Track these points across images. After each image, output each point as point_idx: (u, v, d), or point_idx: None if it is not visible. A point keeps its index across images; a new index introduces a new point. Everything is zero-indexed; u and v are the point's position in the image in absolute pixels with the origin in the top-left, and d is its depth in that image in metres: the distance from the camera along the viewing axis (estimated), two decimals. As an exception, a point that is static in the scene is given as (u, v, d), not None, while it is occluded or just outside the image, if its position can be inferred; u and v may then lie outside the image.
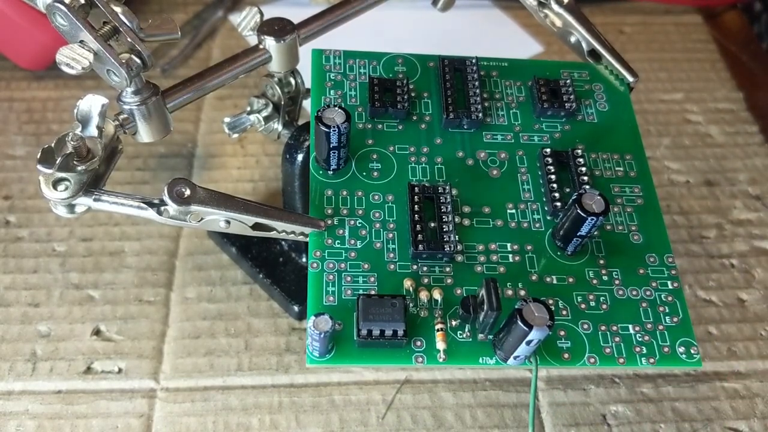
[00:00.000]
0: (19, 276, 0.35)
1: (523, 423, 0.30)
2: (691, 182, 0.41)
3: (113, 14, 0.22)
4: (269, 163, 0.40)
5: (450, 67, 0.29)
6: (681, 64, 0.48)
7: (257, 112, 0.32)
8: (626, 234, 0.26)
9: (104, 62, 0.22)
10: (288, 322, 0.34)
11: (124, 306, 0.34)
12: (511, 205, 0.26)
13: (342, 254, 0.24)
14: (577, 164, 0.27)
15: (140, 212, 0.24)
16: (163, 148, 0.40)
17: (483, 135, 0.28)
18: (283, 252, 0.35)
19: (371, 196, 0.26)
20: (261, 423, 0.30)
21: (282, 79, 0.31)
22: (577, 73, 0.30)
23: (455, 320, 0.23)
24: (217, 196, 0.24)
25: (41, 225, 0.37)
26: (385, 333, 0.22)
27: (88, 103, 0.24)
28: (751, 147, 0.43)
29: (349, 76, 0.29)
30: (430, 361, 0.23)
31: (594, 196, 0.24)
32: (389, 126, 0.28)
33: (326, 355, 0.23)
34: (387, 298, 0.23)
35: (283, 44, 0.27)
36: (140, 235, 0.36)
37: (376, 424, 0.30)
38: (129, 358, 0.32)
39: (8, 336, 0.32)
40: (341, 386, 0.32)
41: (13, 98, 0.43)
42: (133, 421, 0.30)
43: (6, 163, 0.39)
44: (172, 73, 0.45)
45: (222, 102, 0.43)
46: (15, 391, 0.31)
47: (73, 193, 0.23)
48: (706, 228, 0.39)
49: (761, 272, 0.37)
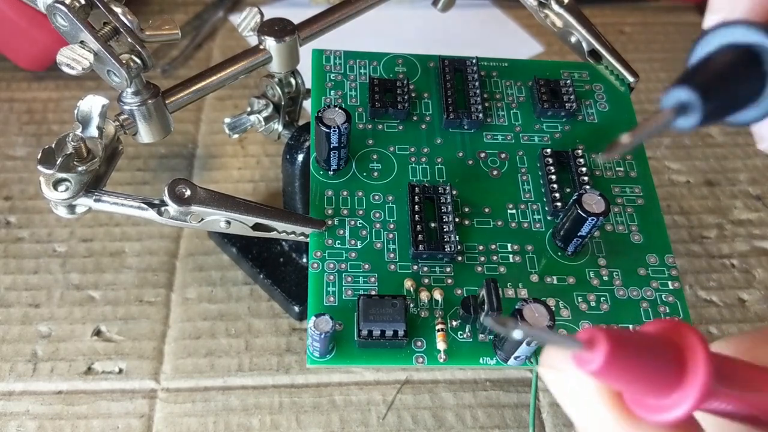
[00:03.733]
0: (20, 276, 0.35)
1: (523, 423, 0.30)
2: (691, 182, 0.41)
3: (113, 15, 0.22)
4: (270, 164, 0.40)
5: (450, 67, 0.29)
6: (681, 64, 0.47)
7: (258, 113, 0.32)
8: (627, 234, 0.26)
9: (104, 63, 0.22)
10: (288, 322, 0.34)
11: (124, 306, 0.34)
12: (512, 206, 0.26)
13: (342, 254, 0.24)
14: (577, 164, 0.27)
15: (141, 213, 0.24)
16: (164, 149, 0.40)
17: (483, 135, 0.28)
18: (283, 252, 0.35)
19: (372, 196, 0.26)
20: (261, 423, 0.30)
21: (282, 80, 0.31)
22: (577, 74, 0.30)
23: (456, 320, 0.23)
24: (218, 196, 0.24)
25: (42, 225, 0.37)
26: (385, 333, 0.22)
27: (89, 104, 0.24)
28: (752, 147, 0.43)
29: (349, 76, 0.29)
30: (430, 362, 0.23)
31: (594, 197, 0.24)
32: (389, 126, 0.28)
33: (327, 356, 0.23)
34: (387, 299, 0.23)
35: (283, 45, 0.27)
36: (141, 236, 0.36)
37: (376, 424, 0.30)
38: (130, 359, 0.32)
39: (9, 336, 0.32)
40: (342, 386, 0.32)
41: (13, 99, 0.43)
42: (134, 422, 0.30)
43: (6, 164, 0.39)
44: (173, 74, 0.45)
45: (222, 102, 0.43)
46: (16, 392, 0.31)
47: (73, 193, 0.23)
48: (706, 228, 0.39)
49: (762, 272, 0.37)
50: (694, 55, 0.14)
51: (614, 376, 0.13)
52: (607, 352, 0.13)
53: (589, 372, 0.13)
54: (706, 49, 0.14)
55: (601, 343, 0.13)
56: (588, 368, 0.13)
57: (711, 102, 0.13)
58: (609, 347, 0.13)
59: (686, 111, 0.13)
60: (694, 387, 0.14)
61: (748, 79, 0.14)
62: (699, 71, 0.13)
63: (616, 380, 0.14)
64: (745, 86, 0.14)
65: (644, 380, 0.14)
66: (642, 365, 0.13)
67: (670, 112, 0.13)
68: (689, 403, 0.14)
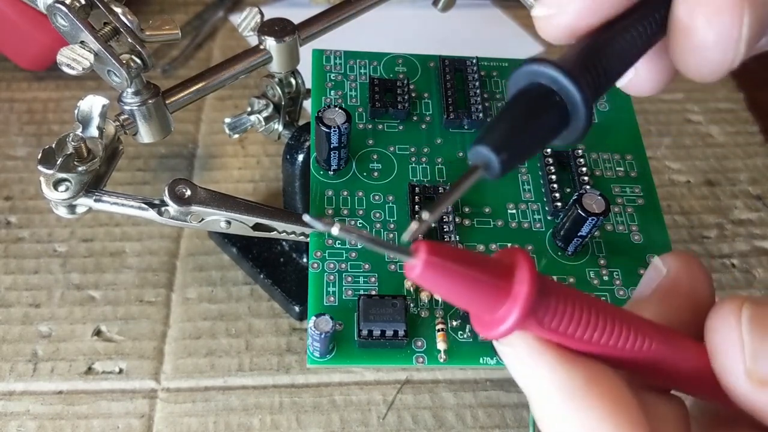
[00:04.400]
0: (20, 276, 0.35)
1: (524, 423, 0.30)
2: (691, 182, 0.41)
3: (114, 15, 0.22)
4: (270, 164, 0.40)
5: (450, 67, 0.29)
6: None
7: (258, 113, 0.32)
8: (627, 234, 0.26)
9: (105, 63, 0.22)
10: (289, 322, 0.34)
11: (125, 306, 0.34)
12: (512, 206, 0.26)
13: (343, 254, 0.24)
14: (577, 164, 0.27)
15: (141, 213, 0.24)
16: (164, 149, 0.40)
17: (483, 135, 0.28)
18: (283, 252, 0.35)
19: (372, 196, 0.26)
20: (262, 423, 0.30)
21: (282, 80, 0.31)
22: (577, 73, 0.30)
23: (456, 320, 0.23)
24: (218, 196, 0.24)
25: (42, 225, 0.37)
26: (385, 333, 0.22)
27: (89, 104, 0.24)
28: (752, 147, 0.43)
29: (349, 76, 0.29)
30: (430, 362, 0.23)
31: (594, 197, 0.24)
32: (390, 126, 0.28)
33: (327, 356, 0.23)
34: (388, 299, 0.23)
35: (283, 45, 0.27)
36: (141, 236, 0.36)
37: (377, 424, 0.30)
38: (130, 359, 0.32)
39: (9, 336, 0.33)
40: (342, 386, 0.32)
41: (14, 99, 0.43)
42: (134, 422, 0.30)
43: (7, 164, 0.39)
44: (173, 74, 0.45)
45: (222, 102, 0.43)
46: (16, 392, 0.31)
47: (73, 193, 0.23)
48: (706, 228, 0.39)
49: (762, 272, 0.37)
50: (508, 92, 0.16)
51: (438, 284, 0.14)
52: (425, 258, 0.14)
53: (414, 278, 0.14)
54: (518, 85, 0.15)
55: (421, 250, 0.14)
56: (412, 274, 0.14)
57: (508, 155, 0.14)
58: (427, 253, 0.14)
59: (489, 167, 0.14)
60: (519, 298, 0.14)
61: (548, 119, 0.15)
62: (497, 126, 0.14)
63: (440, 288, 0.15)
64: (546, 125, 0.15)
65: (471, 293, 0.14)
66: (466, 277, 0.14)
67: (478, 169, 0.14)
68: (516, 314, 0.14)
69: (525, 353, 0.15)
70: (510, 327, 0.14)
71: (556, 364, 0.15)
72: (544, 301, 0.15)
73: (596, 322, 0.15)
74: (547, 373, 0.15)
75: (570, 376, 0.15)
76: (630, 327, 0.15)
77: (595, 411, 0.14)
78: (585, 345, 0.15)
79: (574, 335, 0.15)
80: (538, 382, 0.15)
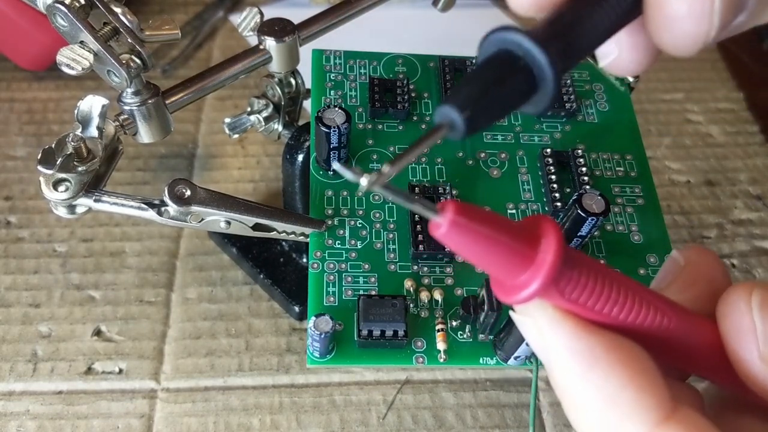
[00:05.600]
0: (20, 276, 0.35)
1: (523, 423, 0.30)
2: (691, 182, 0.41)
3: (113, 15, 0.22)
4: (270, 164, 0.40)
5: (450, 67, 0.29)
6: (681, 63, 0.48)
7: (258, 113, 0.32)
8: (627, 234, 0.26)
9: (104, 63, 0.22)
10: (289, 322, 0.34)
11: (124, 306, 0.34)
12: (512, 206, 0.26)
13: (342, 255, 0.24)
14: (577, 164, 0.27)
15: (141, 213, 0.24)
16: (164, 149, 0.40)
17: (483, 135, 0.28)
18: (283, 252, 0.35)
19: (371, 196, 0.26)
20: (262, 423, 0.30)
21: (282, 80, 0.31)
22: (577, 73, 0.30)
23: (456, 320, 0.23)
24: (218, 196, 0.24)
25: (42, 226, 0.37)
26: (385, 333, 0.22)
27: (89, 104, 0.24)
28: (752, 147, 0.43)
29: (349, 76, 0.29)
30: (430, 362, 0.23)
31: (594, 197, 0.24)
32: (389, 126, 0.28)
33: (327, 356, 0.23)
34: (387, 299, 0.23)
35: (283, 45, 0.27)
36: (141, 236, 0.36)
37: (376, 424, 0.30)
38: (130, 359, 0.32)
39: (9, 336, 0.33)
40: (342, 386, 0.32)
41: (13, 99, 0.43)
42: (134, 422, 0.30)
43: (7, 164, 0.39)
44: (173, 74, 0.45)
45: (222, 102, 0.43)
46: (16, 392, 0.31)
47: (73, 193, 0.23)
48: (706, 228, 0.39)
49: (762, 272, 0.37)
50: (478, 58, 0.16)
51: (462, 244, 0.14)
52: (451, 217, 0.14)
53: (439, 236, 0.14)
54: (486, 52, 0.15)
55: (448, 209, 0.14)
56: (437, 233, 0.14)
57: (472, 114, 0.14)
58: (454, 212, 0.14)
59: (453, 126, 0.14)
60: (543, 265, 0.14)
61: (514, 84, 0.15)
62: (463, 88, 0.15)
63: (464, 249, 0.14)
64: (512, 90, 0.15)
65: (495, 256, 0.14)
66: (491, 240, 0.14)
67: (443, 127, 0.14)
68: (539, 281, 0.14)
69: (545, 323, 0.15)
70: (531, 293, 0.14)
71: (578, 332, 0.15)
72: (568, 271, 0.15)
73: (617, 297, 0.15)
74: (567, 342, 0.15)
75: (591, 344, 0.15)
76: (651, 304, 0.15)
77: (618, 377, 0.14)
78: (605, 318, 0.15)
79: (593, 308, 0.15)
80: (559, 352, 0.15)
